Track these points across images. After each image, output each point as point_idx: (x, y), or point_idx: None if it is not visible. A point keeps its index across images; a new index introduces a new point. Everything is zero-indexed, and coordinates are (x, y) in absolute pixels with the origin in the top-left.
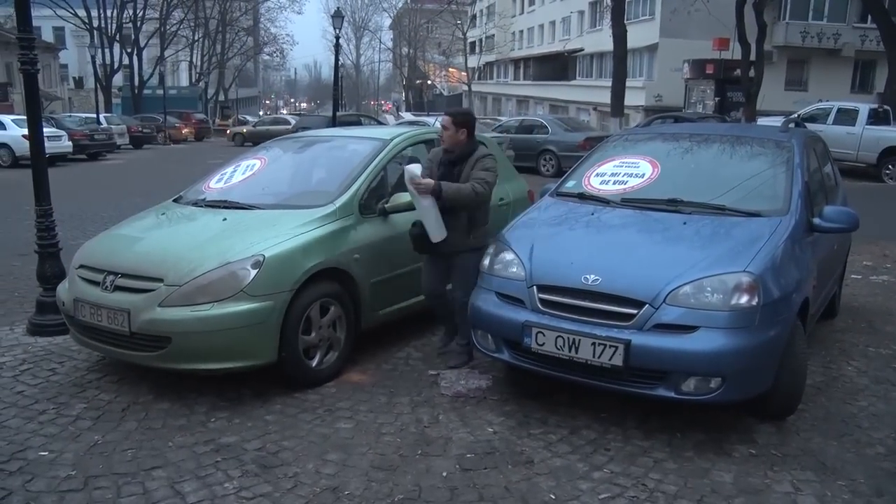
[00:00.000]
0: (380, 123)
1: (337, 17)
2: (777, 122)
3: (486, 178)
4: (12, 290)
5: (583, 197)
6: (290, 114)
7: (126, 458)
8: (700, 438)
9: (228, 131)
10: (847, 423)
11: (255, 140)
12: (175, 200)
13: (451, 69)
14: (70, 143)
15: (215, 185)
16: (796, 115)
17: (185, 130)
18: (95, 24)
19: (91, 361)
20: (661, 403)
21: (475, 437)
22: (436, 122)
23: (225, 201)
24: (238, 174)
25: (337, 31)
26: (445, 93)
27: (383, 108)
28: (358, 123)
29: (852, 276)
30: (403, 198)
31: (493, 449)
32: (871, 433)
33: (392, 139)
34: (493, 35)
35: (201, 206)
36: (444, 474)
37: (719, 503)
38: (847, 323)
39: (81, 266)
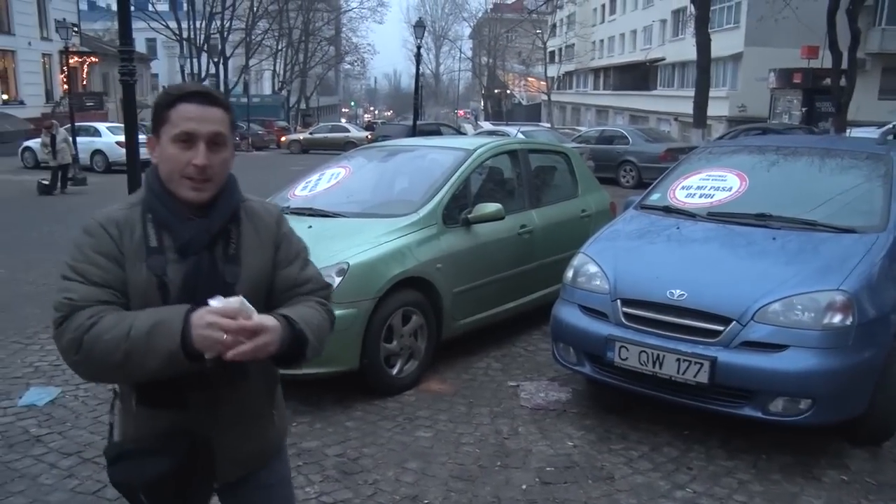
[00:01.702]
0: (459, 133)
1: (419, 27)
2: (869, 132)
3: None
4: None
5: (668, 210)
6: (347, 122)
7: None
8: (787, 461)
9: (284, 139)
10: None
11: (311, 148)
12: None
13: (530, 78)
14: (139, 150)
15: (300, 192)
16: (892, 126)
17: (284, 138)
18: (185, 35)
19: None
20: (744, 423)
21: (555, 451)
22: (518, 133)
23: (310, 209)
24: (323, 182)
25: (418, 41)
26: (524, 102)
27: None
28: (438, 133)
29: None
30: (487, 208)
31: (573, 463)
32: None
33: (475, 150)
34: (573, 44)
35: (287, 213)
36: (524, 487)
37: None
38: None
39: None
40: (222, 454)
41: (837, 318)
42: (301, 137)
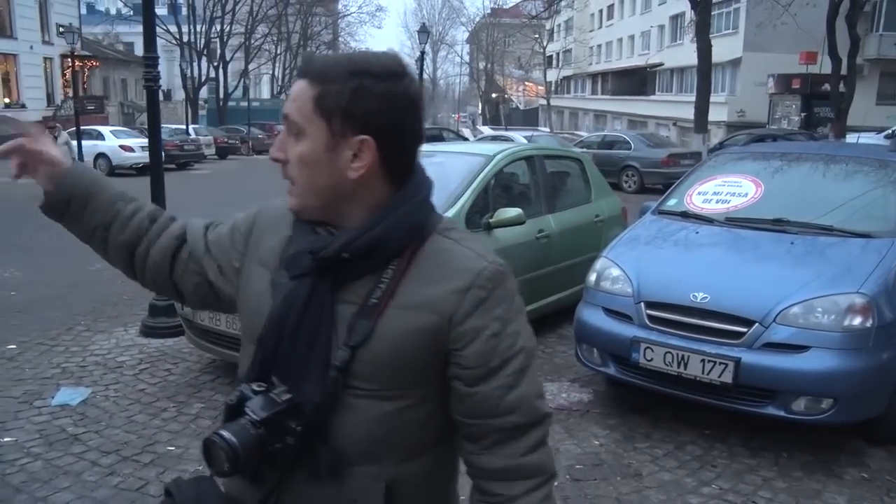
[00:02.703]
0: (460, 137)
1: (422, 32)
2: (871, 138)
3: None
4: (121, 293)
5: (686, 215)
6: None
7: None
8: (807, 459)
9: None
10: None
11: None
12: None
13: (528, 83)
14: (162, 153)
15: None
16: (890, 130)
17: None
18: (185, 39)
19: (203, 363)
20: (762, 422)
21: (582, 449)
22: (532, 137)
23: None
24: None
25: (422, 47)
26: (522, 107)
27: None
28: (440, 138)
29: None
30: (507, 213)
31: (601, 461)
32: None
33: (494, 156)
34: (571, 49)
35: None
36: (556, 484)
37: None
38: None
39: None
40: None
41: (857, 321)
42: None
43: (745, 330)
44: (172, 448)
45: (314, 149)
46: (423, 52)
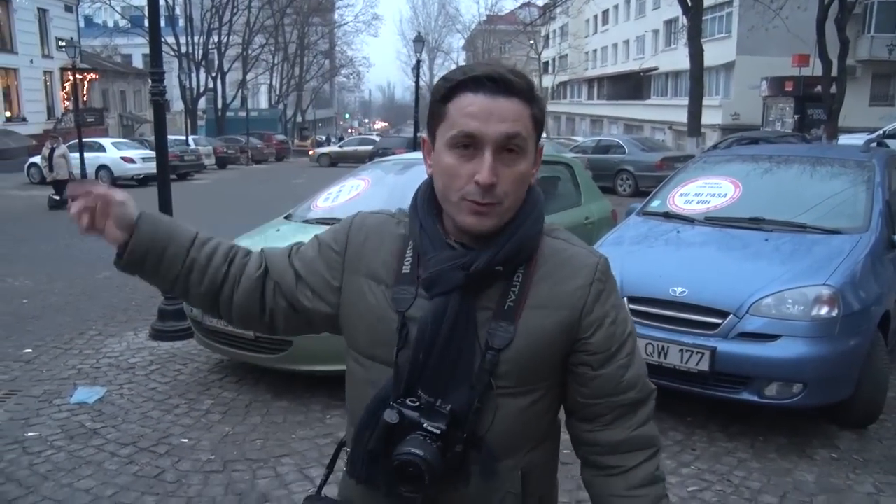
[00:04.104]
0: None
1: (418, 41)
2: (858, 139)
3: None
4: (130, 299)
5: (668, 216)
6: (363, 135)
7: (256, 447)
8: (782, 442)
9: (312, 152)
10: None
11: (341, 160)
12: (286, 217)
13: None
14: (168, 164)
15: (323, 203)
16: (880, 132)
17: (312, 152)
18: (183, 50)
19: (211, 364)
20: (741, 409)
21: (569, 437)
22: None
23: (333, 219)
24: (344, 194)
25: (418, 55)
26: None
27: None
28: None
29: None
30: None
31: None
32: None
33: None
34: (567, 55)
35: (312, 224)
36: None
37: (802, 499)
38: None
39: None
40: None
41: (825, 310)
42: (330, 151)
43: (720, 321)
44: (186, 440)
45: (529, 165)
46: (418, 62)
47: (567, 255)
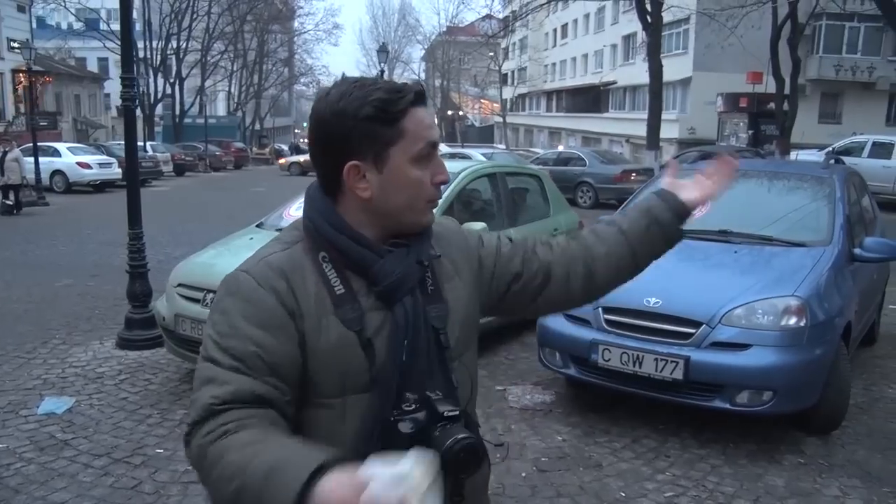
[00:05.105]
0: None
1: (382, 51)
2: (811, 154)
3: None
4: (93, 307)
5: None
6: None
7: None
8: (752, 448)
9: (283, 161)
10: (890, 439)
11: (311, 170)
12: (258, 226)
13: (483, 101)
14: (120, 170)
15: (295, 212)
16: (831, 149)
17: (283, 160)
18: (141, 55)
19: (182, 373)
20: (712, 417)
21: (547, 444)
22: (493, 155)
23: None
24: None
25: (383, 65)
26: (477, 124)
27: None
28: None
29: (890, 305)
30: (473, 227)
31: (565, 454)
32: None
33: (459, 173)
34: (526, 67)
35: None
36: (524, 475)
37: (774, 503)
38: (886, 350)
39: (180, 285)
40: None
41: (793, 320)
42: (302, 160)
43: (693, 331)
44: (161, 451)
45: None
46: (382, 71)
47: (441, 229)
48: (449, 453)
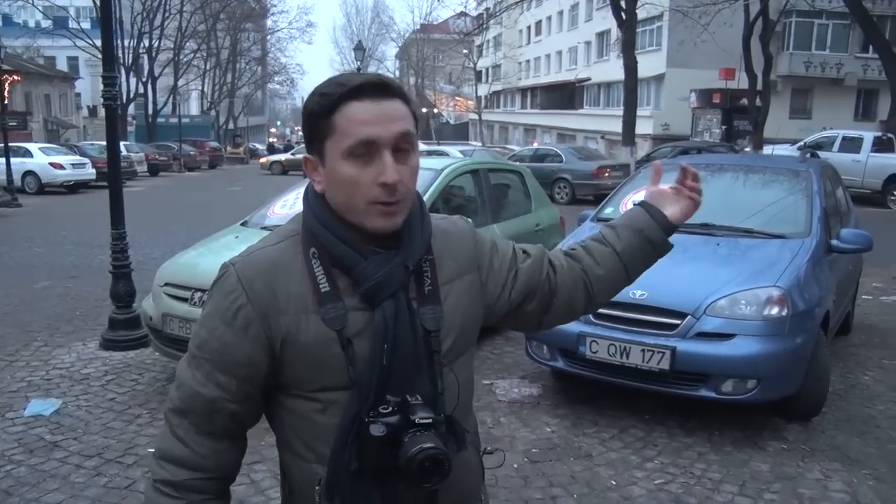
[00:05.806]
0: None
1: (358, 49)
2: (785, 149)
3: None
4: (73, 309)
5: None
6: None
7: None
8: (736, 436)
9: (265, 160)
10: (867, 424)
11: (293, 168)
12: (243, 224)
13: (458, 98)
14: (93, 170)
15: (280, 210)
16: (802, 143)
17: (265, 159)
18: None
19: (168, 373)
20: (697, 406)
21: (536, 436)
22: (472, 152)
23: None
24: (301, 201)
25: (359, 63)
26: (452, 121)
27: None
28: None
29: (863, 296)
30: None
31: (555, 445)
32: (890, 432)
33: (443, 169)
34: (501, 65)
35: (270, 230)
36: (515, 466)
37: (759, 487)
38: (861, 339)
39: (167, 284)
40: None
41: (775, 310)
42: (283, 158)
43: (678, 322)
44: (153, 450)
45: (417, 158)
46: (359, 69)
47: (445, 228)
48: (413, 461)
